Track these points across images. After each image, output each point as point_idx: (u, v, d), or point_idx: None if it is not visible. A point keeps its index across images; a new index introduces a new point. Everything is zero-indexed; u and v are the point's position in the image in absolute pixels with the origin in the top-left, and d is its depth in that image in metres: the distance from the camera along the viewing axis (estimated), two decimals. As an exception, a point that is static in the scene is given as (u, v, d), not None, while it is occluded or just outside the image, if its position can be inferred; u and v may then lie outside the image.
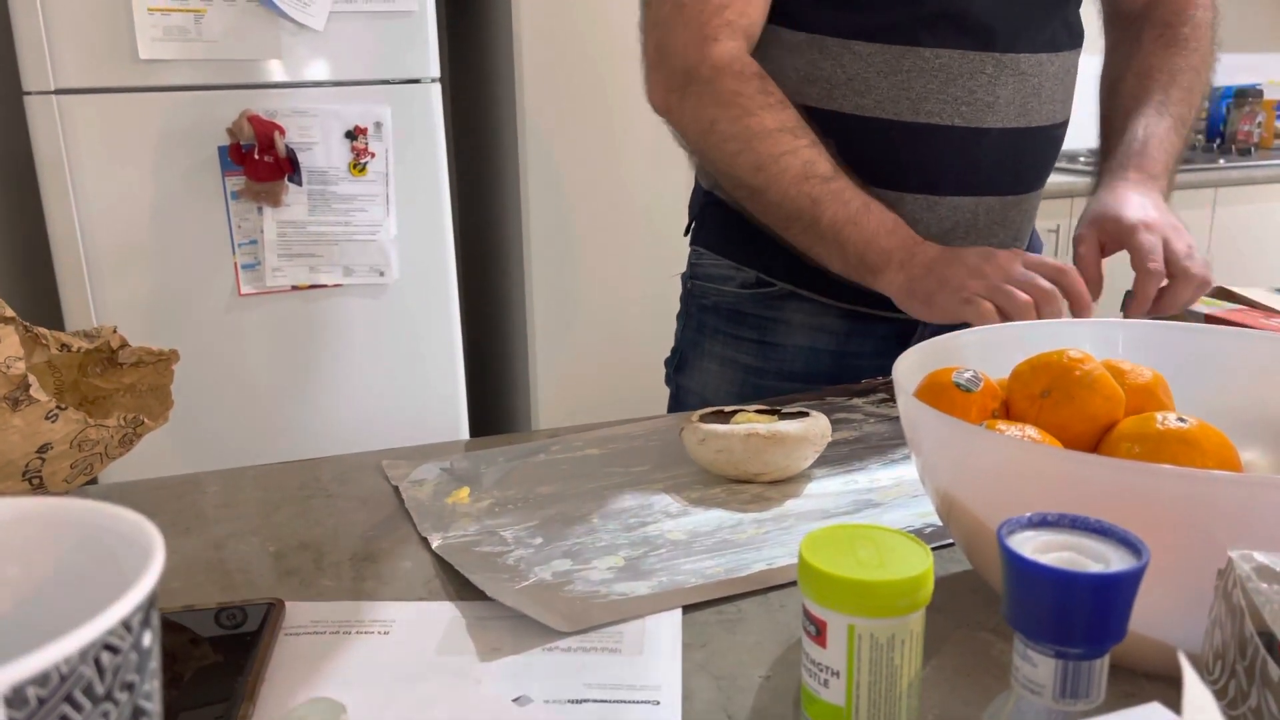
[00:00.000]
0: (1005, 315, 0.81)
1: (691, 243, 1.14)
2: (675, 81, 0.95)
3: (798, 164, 0.91)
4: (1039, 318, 0.80)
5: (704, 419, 0.78)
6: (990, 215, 1.01)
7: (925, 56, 0.93)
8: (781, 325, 1.07)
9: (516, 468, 0.79)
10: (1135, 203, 0.92)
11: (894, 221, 0.91)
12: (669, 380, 1.18)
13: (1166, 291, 0.88)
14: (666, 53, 0.95)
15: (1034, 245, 1.18)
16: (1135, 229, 0.89)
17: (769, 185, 0.92)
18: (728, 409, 0.80)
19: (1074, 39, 1.02)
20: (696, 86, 0.93)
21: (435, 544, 0.67)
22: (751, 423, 0.75)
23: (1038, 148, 1.02)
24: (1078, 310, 0.84)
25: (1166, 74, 1.03)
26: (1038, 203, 1.11)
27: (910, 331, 1.05)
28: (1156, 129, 1.00)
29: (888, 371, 1.02)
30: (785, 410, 0.78)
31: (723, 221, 1.08)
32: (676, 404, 1.17)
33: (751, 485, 0.75)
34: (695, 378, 1.13)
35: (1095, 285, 0.89)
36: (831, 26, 0.95)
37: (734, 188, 0.97)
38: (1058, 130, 1.03)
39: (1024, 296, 0.81)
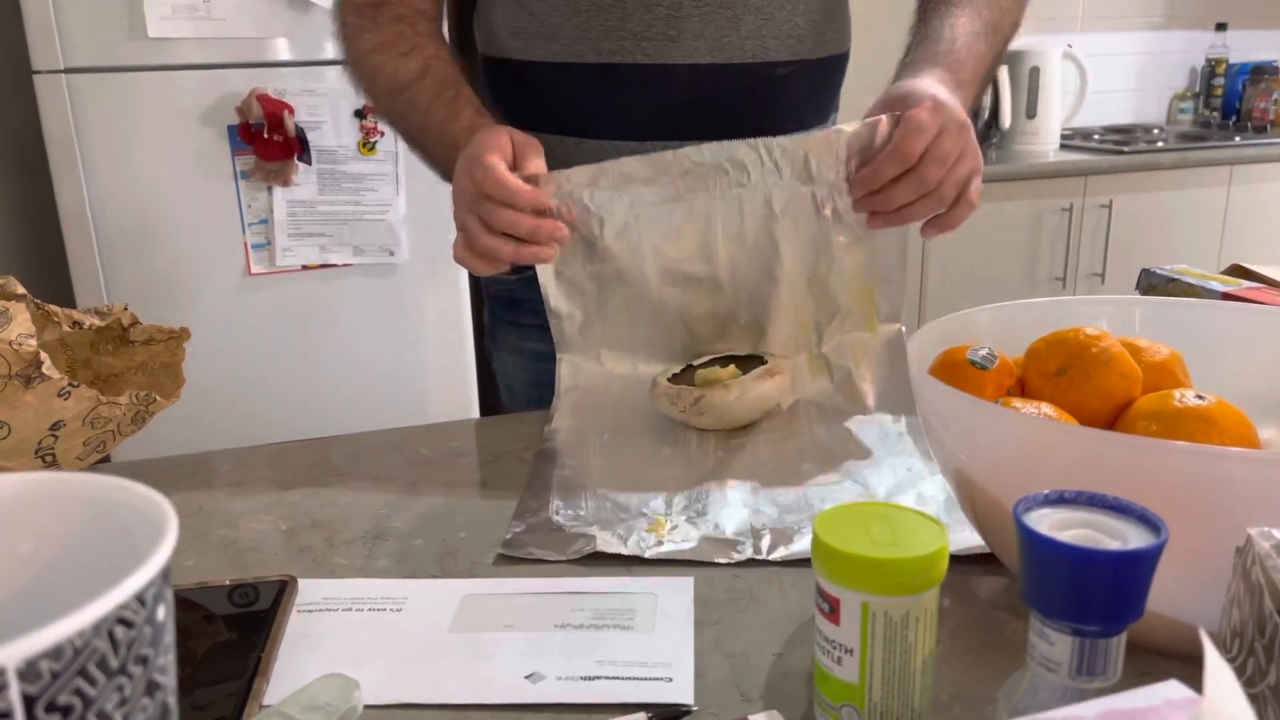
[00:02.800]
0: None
1: None
2: (336, 32, 0.93)
3: (385, 81, 0.87)
4: (513, 252, 0.75)
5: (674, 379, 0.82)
6: None
7: None
8: None
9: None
10: (930, 83, 0.80)
11: (440, 121, 0.84)
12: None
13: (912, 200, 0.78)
14: None
15: None
16: (920, 100, 0.77)
17: (385, 113, 0.90)
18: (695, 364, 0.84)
19: None
20: (337, 27, 0.92)
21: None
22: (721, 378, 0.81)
23: (748, 87, 0.90)
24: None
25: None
26: None
27: None
28: (966, 31, 0.88)
29: None
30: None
31: None
32: (494, 400, 1.11)
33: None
34: (500, 370, 1.08)
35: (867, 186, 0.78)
36: None
37: (384, 124, 0.93)
38: (777, 70, 0.91)
39: (485, 243, 0.75)
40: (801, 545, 0.63)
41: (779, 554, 0.62)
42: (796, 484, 0.72)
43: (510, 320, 1.04)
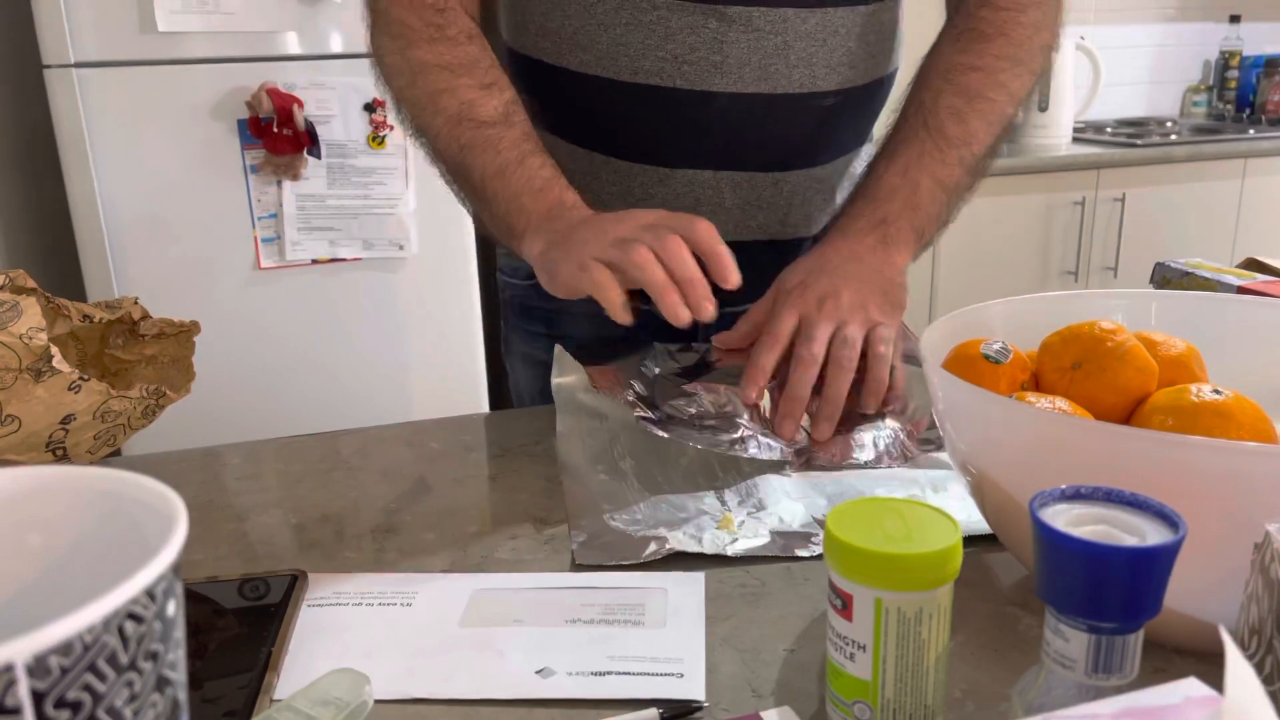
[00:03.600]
0: (627, 279, 0.68)
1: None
2: (366, 17, 0.86)
3: (454, 105, 0.79)
4: (665, 279, 0.67)
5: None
6: (740, 194, 0.88)
7: (641, 8, 0.81)
8: (567, 316, 0.96)
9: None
10: (800, 266, 0.78)
11: (546, 179, 0.77)
12: None
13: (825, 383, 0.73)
14: None
15: None
16: (779, 297, 0.76)
17: (428, 128, 0.82)
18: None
19: None
20: (374, 17, 0.85)
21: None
22: None
23: (791, 118, 0.86)
24: (686, 288, 0.68)
25: (941, 78, 0.84)
26: (831, 186, 0.93)
27: None
28: (926, 172, 0.81)
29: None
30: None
31: None
32: (505, 395, 1.08)
33: None
34: (511, 376, 1.05)
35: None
36: None
37: (413, 136, 0.85)
38: (824, 99, 0.86)
39: (643, 253, 0.67)
40: None
41: None
42: (835, 470, 0.70)
43: (522, 327, 1.02)
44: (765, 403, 0.76)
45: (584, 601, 0.56)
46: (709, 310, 0.68)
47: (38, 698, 0.24)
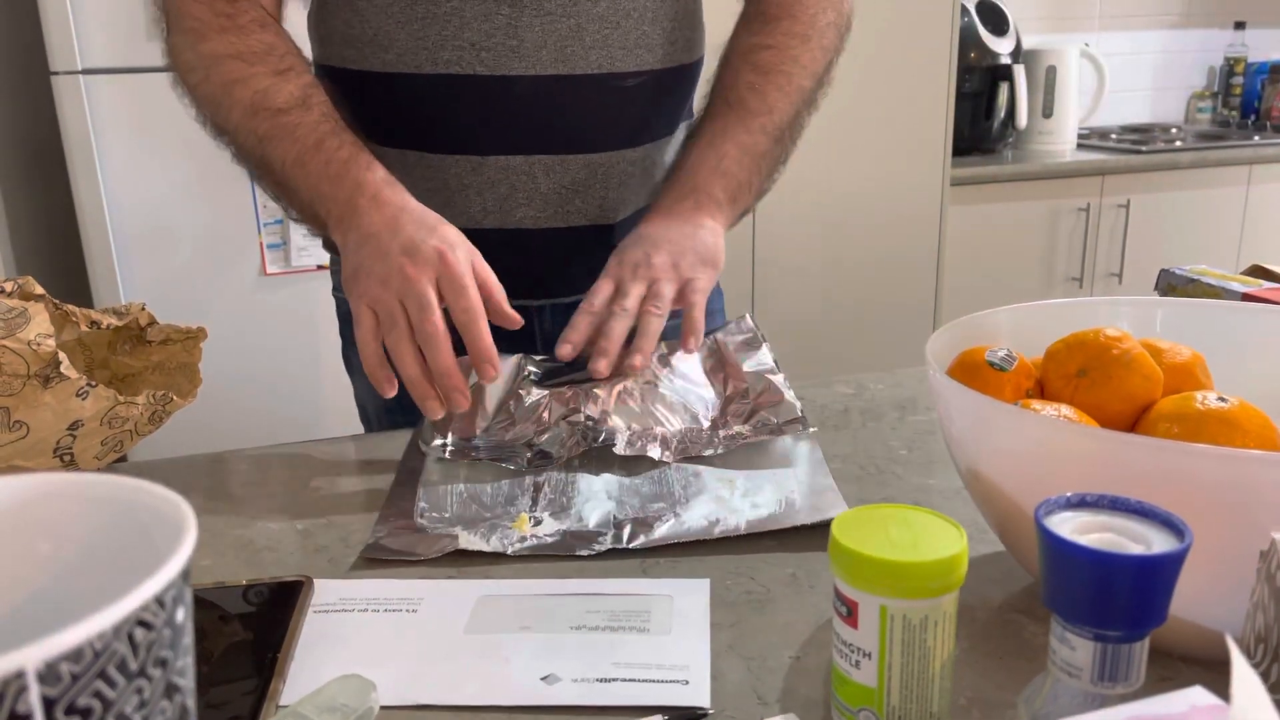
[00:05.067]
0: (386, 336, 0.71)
1: (324, 245, 1.01)
2: (158, 20, 0.84)
3: (248, 95, 0.77)
4: (418, 375, 0.71)
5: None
6: (553, 178, 0.88)
7: (435, 1, 0.82)
8: None
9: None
10: (632, 236, 0.82)
11: (343, 160, 0.76)
12: None
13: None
14: None
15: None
16: (610, 262, 0.80)
17: (225, 124, 0.79)
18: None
19: None
20: (167, 18, 0.83)
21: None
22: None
23: (594, 99, 0.87)
24: (433, 361, 0.70)
25: (738, 58, 0.89)
26: (648, 169, 0.94)
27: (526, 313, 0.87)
28: (732, 141, 0.86)
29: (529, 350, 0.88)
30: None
31: None
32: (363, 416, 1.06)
33: None
34: (356, 392, 1.03)
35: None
36: None
37: (214, 137, 0.83)
38: (624, 80, 0.87)
39: (401, 343, 0.70)
40: (663, 532, 0.64)
41: (639, 543, 0.64)
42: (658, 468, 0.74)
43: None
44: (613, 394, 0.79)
45: (589, 608, 0.56)
46: (460, 402, 0.71)
47: (48, 704, 0.25)
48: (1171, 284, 0.96)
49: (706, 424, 0.78)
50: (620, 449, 0.73)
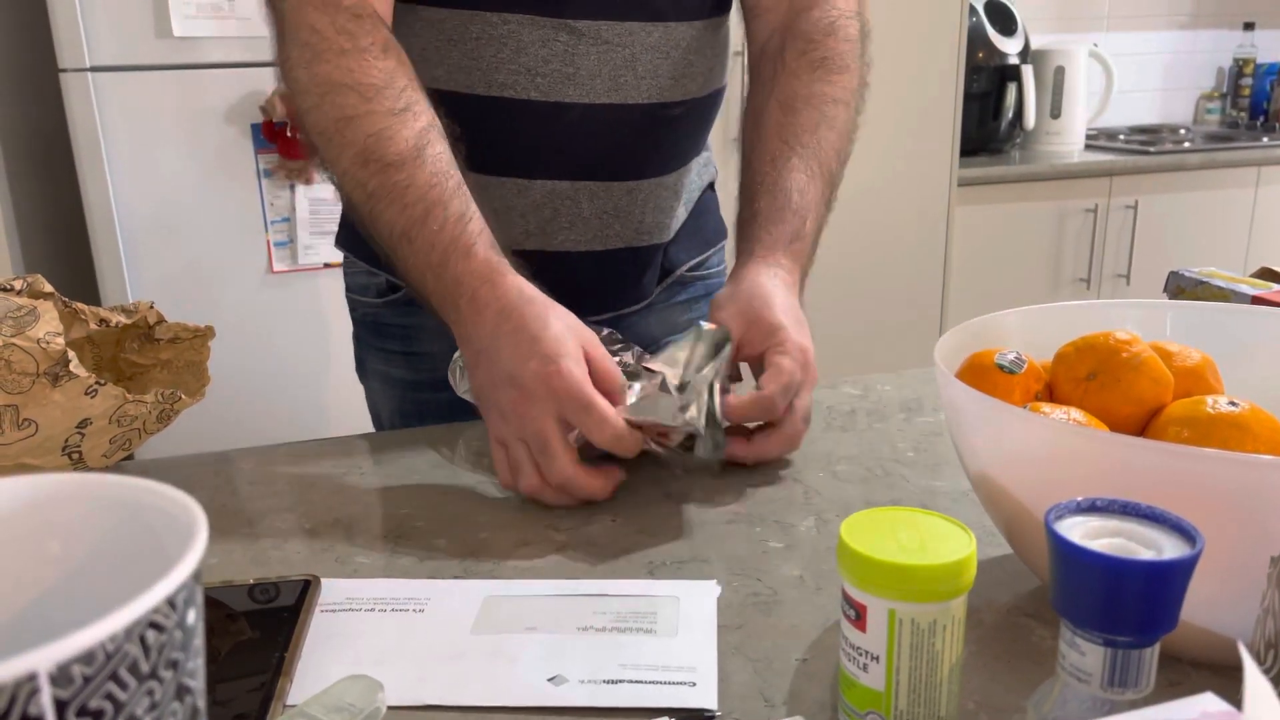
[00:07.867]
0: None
1: (336, 244, 1.02)
2: (270, 21, 0.78)
3: (360, 138, 0.72)
4: (554, 499, 0.69)
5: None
6: (598, 203, 0.89)
7: (492, 22, 0.82)
8: (425, 332, 0.94)
9: None
10: (782, 306, 0.77)
11: (445, 248, 0.71)
12: None
13: (764, 434, 0.75)
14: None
15: (707, 228, 1.04)
16: (783, 343, 0.74)
17: (334, 166, 0.75)
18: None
19: (686, 8, 0.87)
20: (281, 23, 0.77)
21: None
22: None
23: (642, 128, 0.88)
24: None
25: (815, 109, 0.85)
26: (679, 193, 0.95)
27: None
28: (809, 195, 0.83)
29: None
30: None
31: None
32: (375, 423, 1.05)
33: None
34: (369, 398, 1.03)
35: (758, 412, 0.72)
36: None
37: (320, 170, 0.80)
38: (671, 110, 0.89)
39: (527, 465, 0.68)
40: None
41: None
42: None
43: (375, 346, 1.00)
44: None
45: (596, 609, 0.56)
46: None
47: (60, 706, 0.25)
48: (1180, 286, 0.96)
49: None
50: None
